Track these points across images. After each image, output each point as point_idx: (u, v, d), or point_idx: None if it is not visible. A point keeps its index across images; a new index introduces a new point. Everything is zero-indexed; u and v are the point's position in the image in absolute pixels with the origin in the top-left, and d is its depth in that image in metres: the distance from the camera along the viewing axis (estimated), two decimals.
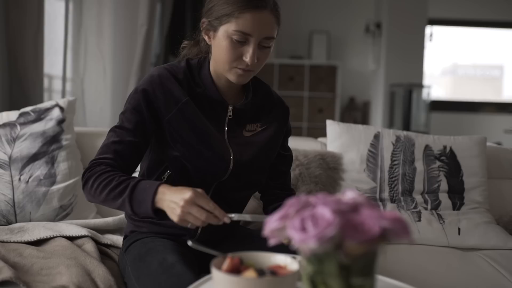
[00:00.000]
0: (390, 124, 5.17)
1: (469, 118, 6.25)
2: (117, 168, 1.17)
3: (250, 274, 0.80)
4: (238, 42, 1.17)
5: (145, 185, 1.09)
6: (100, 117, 2.49)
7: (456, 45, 6.54)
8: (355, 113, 6.12)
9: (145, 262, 1.15)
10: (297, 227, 0.64)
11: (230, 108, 1.29)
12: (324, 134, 1.87)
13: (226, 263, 0.82)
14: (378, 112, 5.42)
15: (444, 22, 6.29)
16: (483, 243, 1.60)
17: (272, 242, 0.71)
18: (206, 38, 1.24)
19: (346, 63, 5.99)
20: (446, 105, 6.32)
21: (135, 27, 2.50)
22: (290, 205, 0.69)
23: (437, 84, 6.65)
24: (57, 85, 2.48)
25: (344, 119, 6.02)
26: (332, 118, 5.72)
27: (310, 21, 5.97)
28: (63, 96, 2.41)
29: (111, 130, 1.23)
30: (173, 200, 1.03)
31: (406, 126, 5.00)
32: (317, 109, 5.76)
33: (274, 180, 1.40)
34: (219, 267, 0.81)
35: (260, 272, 0.80)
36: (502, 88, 6.83)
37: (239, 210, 1.41)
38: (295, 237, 0.64)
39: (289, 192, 1.43)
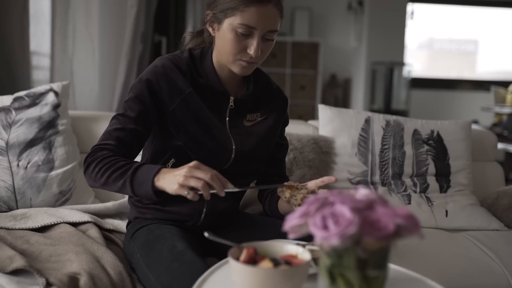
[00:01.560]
0: (371, 102, 5.25)
1: (447, 95, 6.37)
2: (119, 154, 1.20)
3: (266, 264, 0.85)
4: (243, 35, 1.19)
5: (148, 168, 1.12)
6: (89, 98, 2.48)
7: (433, 20, 6.63)
8: (336, 90, 6.18)
9: (154, 249, 1.19)
10: (319, 225, 0.69)
11: (231, 98, 1.32)
12: (305, 111, 1.93)
13: (243, 254, 0.87)
14: (359, 89, 5.49)
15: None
16: (469, 224, 1.69)
17: (291, 236, 0.76)
18: (210, 30, 1.26)
19: (328, 40, 6.02)
20: (425, 83, 6.43)
21: (124, 8, 2.47)
22: (310, 203, 0.74)
23: (414, 58, 6.75)
24: (45, 66, 2.46)
25: (325, 96, 6.08)
26: (313, 95, 5.77)
27: None
28: (52, 77, 2.39)
29: (114, 117, 1.25)
30: (177, 171, 1.06)
31: (387, 104, 5.09)
32: (299, 86, 5.80)
33: (270, 167, 1.45)
34: (236, 258, 0.86)
35: (275, 262, 0.86)
36: (476, 62, 7.00)
37: (238, 198, 1.46)
38: (317, 234, 0.69)
39: (284, 179, 1.48)
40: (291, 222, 0.74)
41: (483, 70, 6.94)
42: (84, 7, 2.47)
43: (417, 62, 6.86)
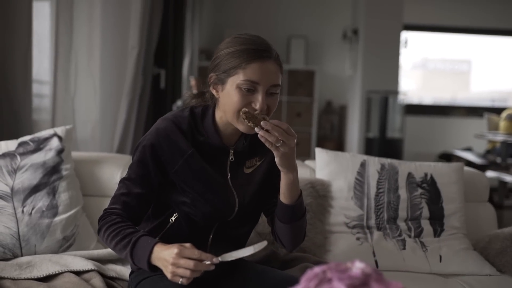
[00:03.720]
0: (367, 129, 5.32)
1: (442, 121, 6.47)
2: (127, 217, 1.27)
3: None
4: (247, 91, 1.24)
5: (143, 243, 1.19)
6: (91, 137, 2.53)
7: (427, 42, 6.77)
8: (332, 116, 6.26)
9: None
10: None
11: (231, 151, 1.37)
12: (302, 138, 1.99)
13: None
14: (355, 116, 5.56)
15: (418, 28, 6.48)
16: (462, 269, 1.73)
17: None
18: (214, 92, 1.31)
19: (324, 68, 6.12)
20: (419, 109, 6.53)
21: (125, 48, 2.54)
22: (308, 279, 0.79)
23: (408, 77, 6.87)
24: (47, 104, 2.51)
25: (321, 122, 6.16)
26: (310, 122, 5.84)
27: (289, 25, 6.06)
28: (53, 116, 2.44)
29: (121, 181, 1.32)
30: (164, 258, 1.14)
31: (382, 131, 5.16)
32: (295, 113, 5.87)
33: (275, 198, 1.42)
34: None
35: None
36: (470, 82, 7.14)
37: (241, 245, 1.50)
38: None
39: None
40: None
41: (477, 90, 7.06)
42: (87, 45, 2.54)
43: (412, 82, 6.98)
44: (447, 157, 5.58)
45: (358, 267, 0.82)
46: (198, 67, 5.55)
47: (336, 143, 6.15)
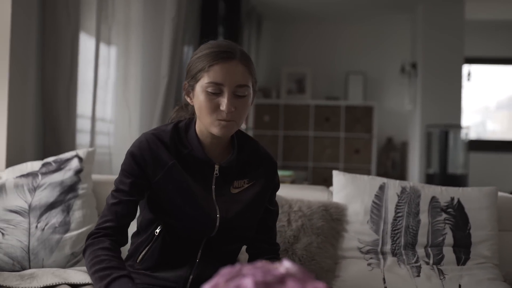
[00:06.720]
0: (428, 165, 5.07)
1: None
2: (116, 233, 1.26)
3: None
4: (213, 94, 1.24)
5: (121, 285, 1.13)
6: None
7: (509, 79, 6.36)
8: (394, 153, 6.04)
9: None
10: None
11: (216, 166, 1.34)
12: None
13: None
14: (415, 152, 5.33)
15: (483, 60, 6.18)
16: None
17: None
18: (188, 100, 1.32)
19: (383, 103, 5.97)
20: (488, 145, 6.14)
21: (158, 78, 2.63)
22: (222, 274, 0.73)
23: (492, 119, 6.46)
24: (87, 133, 2.63)
25: (381, 159, 5.96)
26: (369, 158, 5.67)
27: (346, 62, 6.02)
28: (92, 145, 2.55)
29: (110, 194, 1.33)
30: None
31: (443, 167, 4.89)
32: (353, 149, 5.73)
33: (260, 234, 1.43)
34: None
35: None
36: None
37: (232, 262, 1.45)
38: None
39: (274, 247, 1.46)
40: None
41: None
42: (124, 77, 2.65)
43: (496, 124, 6.56)
44: None
45: (284, 266, 0.75)
46: (254, 104, 5.62)
47: None
